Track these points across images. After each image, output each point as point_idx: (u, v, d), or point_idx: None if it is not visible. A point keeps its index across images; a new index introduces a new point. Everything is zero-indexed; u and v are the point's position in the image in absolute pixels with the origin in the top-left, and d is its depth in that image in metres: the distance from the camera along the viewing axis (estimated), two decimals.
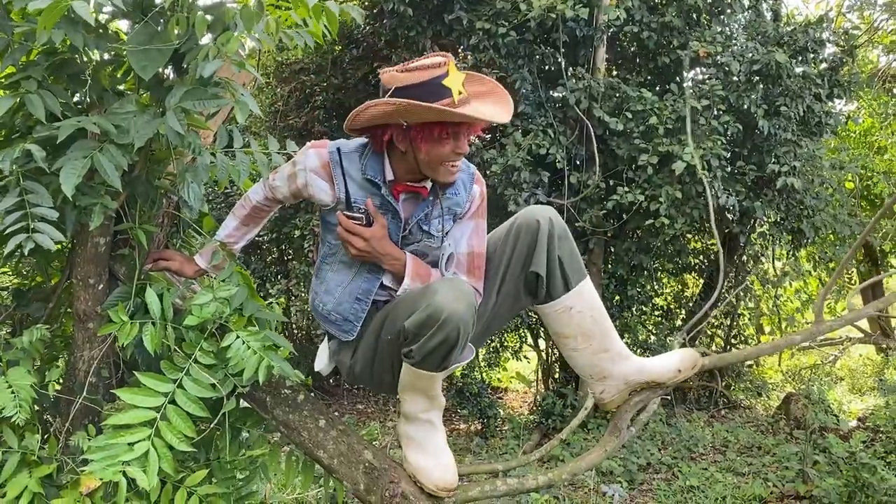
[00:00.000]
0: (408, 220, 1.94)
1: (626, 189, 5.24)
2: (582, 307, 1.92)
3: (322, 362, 2.11)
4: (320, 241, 2.07)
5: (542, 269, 1.88)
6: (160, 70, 1.80)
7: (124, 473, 1.61)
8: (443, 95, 1.75)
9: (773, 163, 5.58)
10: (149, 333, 1.78)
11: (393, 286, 1.97)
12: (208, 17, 1.63)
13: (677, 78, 5.88)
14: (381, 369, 1.95)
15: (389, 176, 1.90)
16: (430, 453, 1.92)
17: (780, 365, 8.03)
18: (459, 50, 5.92)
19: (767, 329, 7.86)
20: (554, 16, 5.17)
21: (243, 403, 2.04)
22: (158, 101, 1.80)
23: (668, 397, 6.33)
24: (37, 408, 1.99)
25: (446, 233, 1.97)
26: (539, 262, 1.88)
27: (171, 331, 1.82)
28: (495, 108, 1.83)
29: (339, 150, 1.92)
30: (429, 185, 1.91)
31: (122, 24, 1.98)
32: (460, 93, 1.76)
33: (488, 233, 2.04)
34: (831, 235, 7.14)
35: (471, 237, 1.99)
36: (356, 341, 2.01)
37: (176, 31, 1.59)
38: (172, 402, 1.73)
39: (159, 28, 1.73)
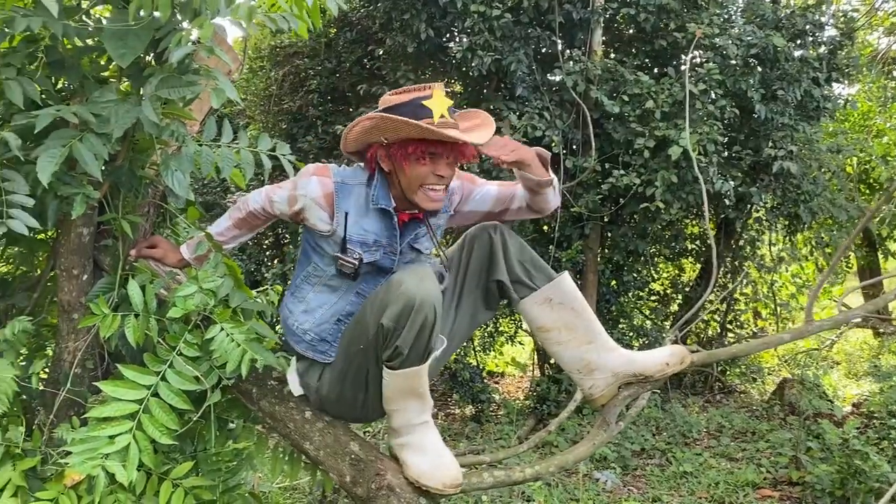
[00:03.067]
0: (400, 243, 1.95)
1: (622, 172, 5.20)
2: (562, 298, 1.92)
3: (294, 384, 2.05)
4: (302, 257, 2.03)
5: (503, 275, 1.91)
6: (142, 57, 1.77)
7: (103, 467, 1.59)
8: (422, 115, 1.76)
9: (770, 147, 5.53)
10: (131, 325, 1.76)
11: None
12: None
13: (674, 62, 5.82)
14: (353, 387, 1.92)
15: (393, 204, 1.90)
16: (431, 453, 1.87)
17: (775, 350, 8.02)
18: (455, 33, 5.85)
19: (763, 313, 7.83)
20: None
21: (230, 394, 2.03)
22: (138, 90, 1.77)
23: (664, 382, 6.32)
24: (24, 397, 1.98)
25: (439, 245, 2.00)
26: (499, 270, 1.92)
27: (154, 323, 1.80)
28: (475, 133, 1.83)
29: (343, 181, 1.90)
30: None
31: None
32: (442, 116, 1.77)
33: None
34: (828, 220, 7.10)
35: (485, 196, 2.05)
36: (324, 363, 1.98)
37: (142, 14, 1.55)
38: (155, 394, 1.72)
39: (142, 14, 1.69)
